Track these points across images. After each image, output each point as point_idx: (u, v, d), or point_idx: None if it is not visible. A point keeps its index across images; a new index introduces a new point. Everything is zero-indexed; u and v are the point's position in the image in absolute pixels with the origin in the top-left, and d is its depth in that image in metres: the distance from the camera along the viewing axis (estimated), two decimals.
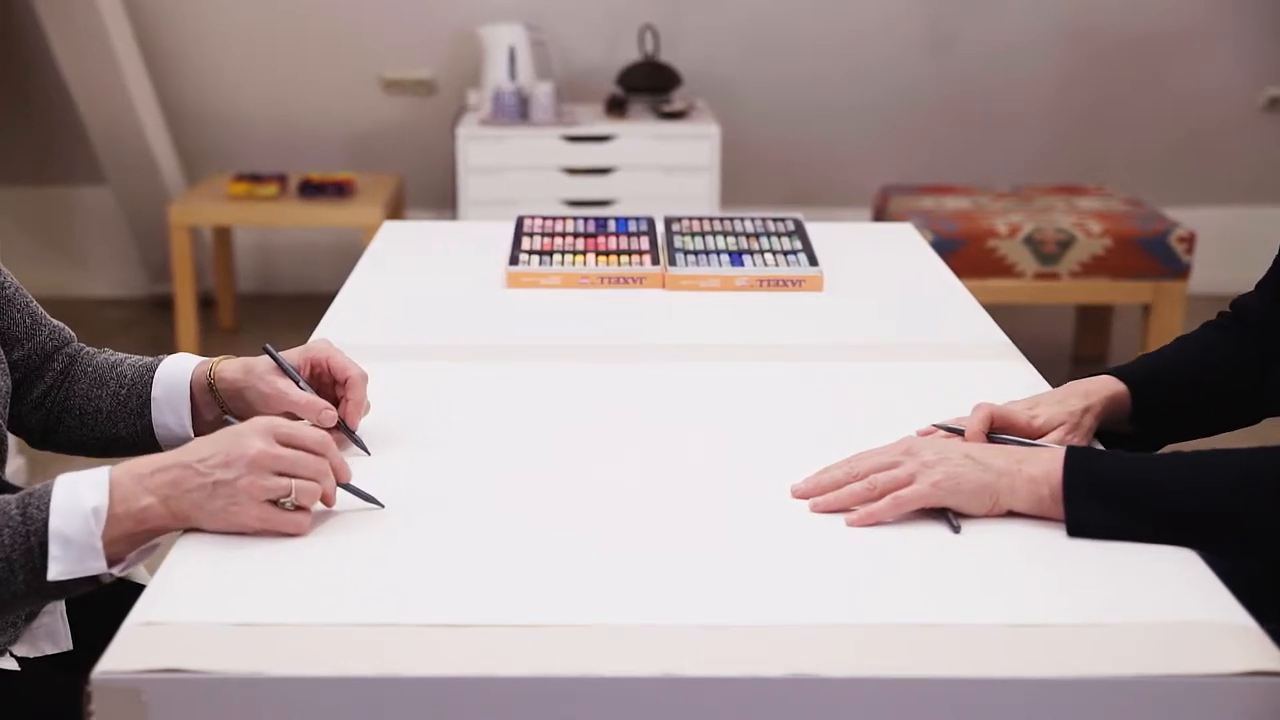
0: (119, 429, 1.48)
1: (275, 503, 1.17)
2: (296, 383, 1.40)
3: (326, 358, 1.41)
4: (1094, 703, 1.00)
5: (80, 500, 1.13)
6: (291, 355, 1.43)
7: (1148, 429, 1.46)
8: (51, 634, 1.40)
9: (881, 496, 1.25)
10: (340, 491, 1.23)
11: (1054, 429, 1.39)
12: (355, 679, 0.99)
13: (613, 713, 1.00)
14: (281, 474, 1.17)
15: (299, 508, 1.18)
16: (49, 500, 1.13)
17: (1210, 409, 1.49)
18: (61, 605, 1.42)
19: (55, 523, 1.12)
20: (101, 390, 1.49)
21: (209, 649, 1.01)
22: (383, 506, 1.25)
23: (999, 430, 1.38)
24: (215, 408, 1.46)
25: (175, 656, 1.00)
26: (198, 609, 1.07)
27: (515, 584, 1.13)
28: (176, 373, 1.47)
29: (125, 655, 1.00)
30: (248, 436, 1.18)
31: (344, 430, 1.39)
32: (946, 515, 1.25)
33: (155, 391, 1.46)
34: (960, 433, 1.38)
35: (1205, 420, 1.49)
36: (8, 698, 1.30)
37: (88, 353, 1.54)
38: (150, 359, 1.51)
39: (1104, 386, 1.44)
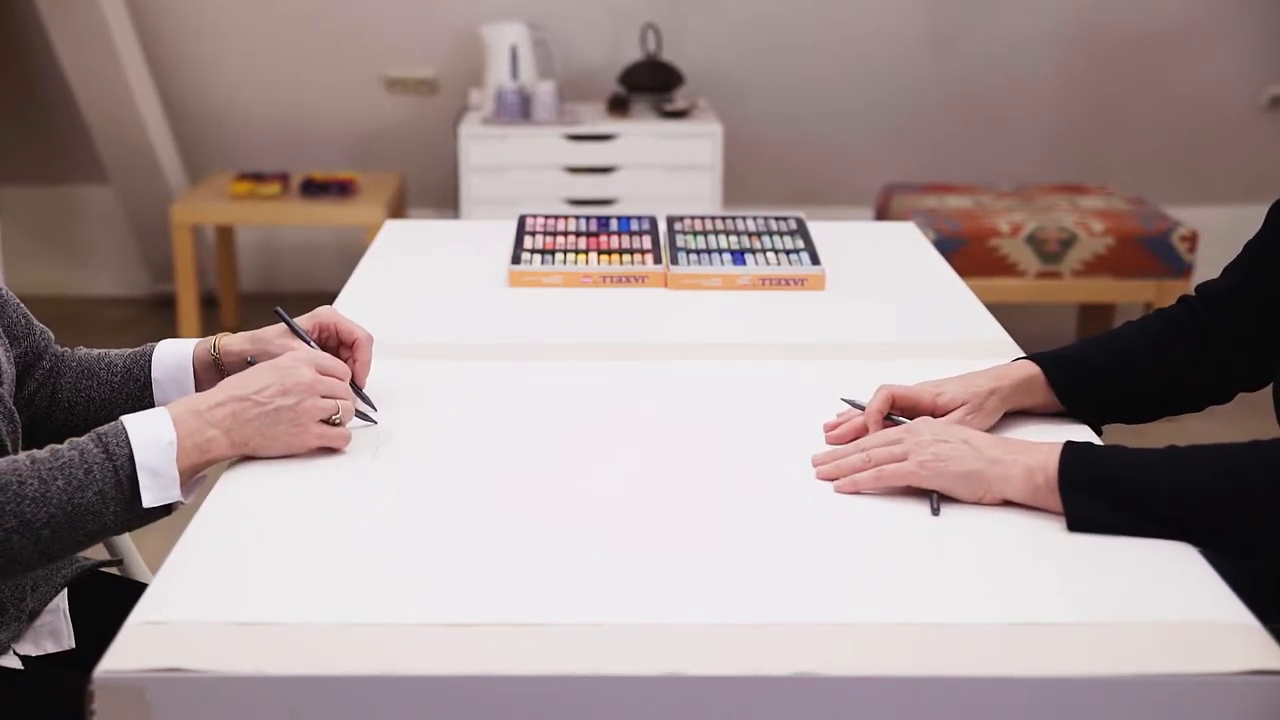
0: (114, 416, 1.49)
1: (325, 421, 1.33)
2: (307, 343, 1.47)
3: (334, 322, 1.50)
4: (1096, 702, 1.00)
5: (156, 435, 1.23)
6: (301, 320, 1.50)
7: (1078, 410, 1.48)
8: (54, 632, 1.40)
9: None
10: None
11: (957, 407, 1.42)
12: (357, 678, 0.99)
13: (615, 712, 1.00)
14: (327, 396, 1.33)
15: (339, 424, 1.34)
16: (126, 437, 1.22)
17: (1141, 393, 1.50)
18: (64, 604, 1.42)
19: (141, 456, 1.22)
20: (91, 381, 1.51)
21: (211, 648, 1.01)
22: (376, 423, 1.43)
23: (903, 410, 1.43)
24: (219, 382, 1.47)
25: (177, 655, 1.00)
26: (199, 608, 1.07)
27: (516, 583, 1.13)
28: (175, 354, 1.51)
29: (127, 654, 1.00)
30: (296, 368, 1.32)
31: (353, 389, 1.44)
32: (931, 496, 1.26)
33: (156, 374, 1.50)
34: (863, 408, 1.43)
35: (1137, 404, 1.50)
36: (10, 696, 1.30)
37: (67, 351, 1.57)
38: (137, 348, 1.54)
39: (1016, 370, 1.47)
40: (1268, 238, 1.49)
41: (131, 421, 1.24)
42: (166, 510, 1.24)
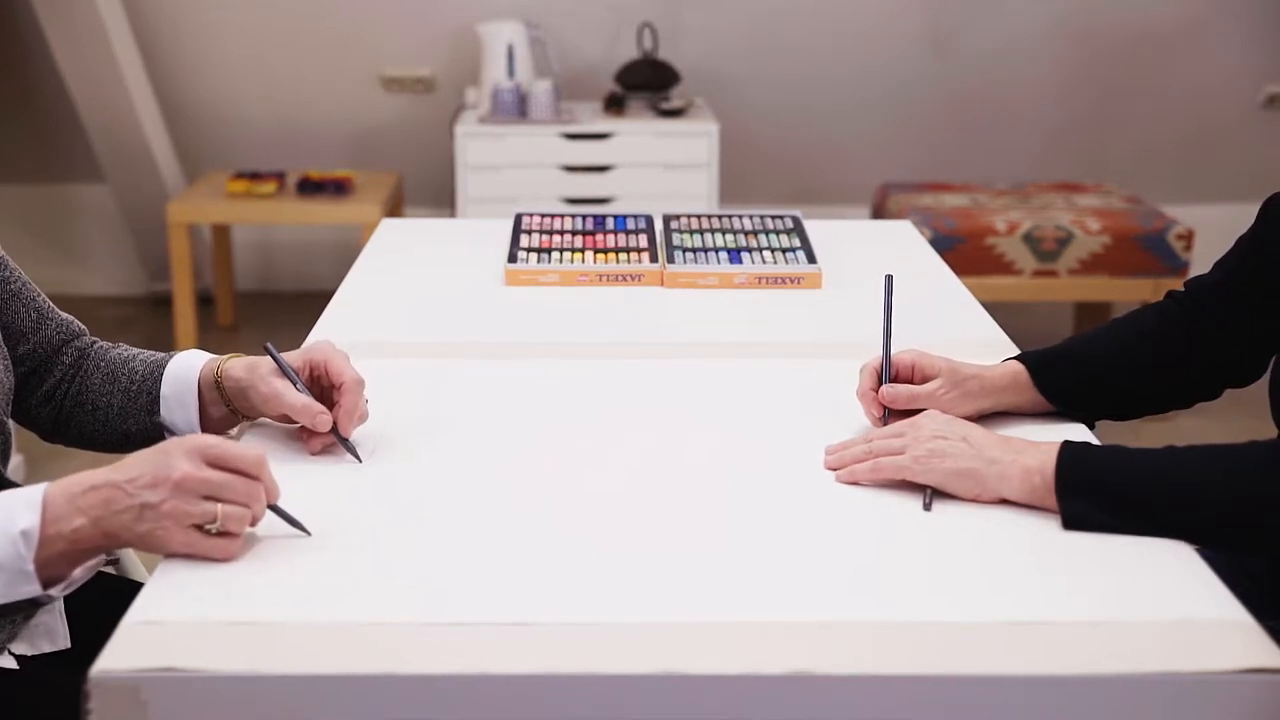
0: (129, 425, 1.49)
1: (201, 527, 1.12)
2: (294, 384, 1.38)
3: (325, 360, 1.39)
4: (1094, 700, 1.00)
5: (10, 523, 1.10)
6: (292, 357, 1.41)
7: (1066, 408, 1.47)
8: (50, 632, 1.40)
9: None
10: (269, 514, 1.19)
11: (935, 376, 1.43)
12: (354, 677, 0.99)
13: (613, 711, 1.00)
14: (209, 497, 1.12)
15: (226, 533, 1.13)
16: None
17: (1128, 389, 1.49)
18: (60, 603, 1.42)
19: None
20: (114, 386, 1.50)
21: (207, 647, 1.01)
22: (309, 534, 1.19)
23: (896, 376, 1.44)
24: (222, 405, 1.45)
25: (173, 655, 1.00)
26: (196, 607, 1.07)
27: (514, 581, 1.12)
28: (185, 370, 1.47)
29: (124, 653, 1.00)
30: (175, 458, 1.12)
31: (336, 436, 1.37)
32: (925, 492, 1.27)
33: (164, 389, 1.47)
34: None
35: (1124, 400, 1.50)
36: (6, 696, 1.30)
37: (101, 347, 1.55)
38: (161, 355, 1.51)
39: (1003, 367, 1.48)
40: (1259, 234, 1.49)
41: None
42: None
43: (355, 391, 1.37)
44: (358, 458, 1.36)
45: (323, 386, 1.40)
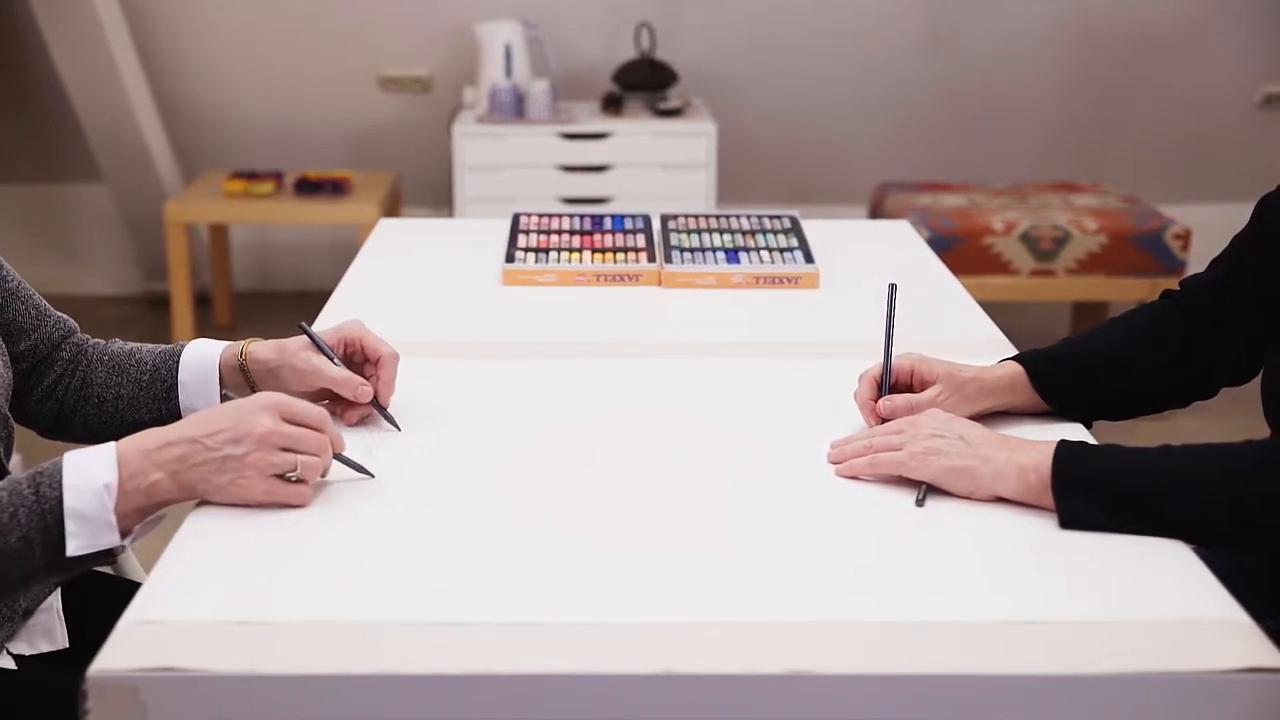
0: (142, 414, 1.50)
1: (280, 476, 1.22)
2: (331, 359, 1.44)
3: (360, 337, 1.47)
4: (1092, 699, 1.00)
5: (92, 477, 1.16)
6: (326, 334, 1.47)
7: (1063, 409, 1.47)
8: (48, 631, 1.40)
9: None
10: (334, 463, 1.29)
11: (935, 381, 1.44)
12: (353, 676, 0.99)
13: (613, 711, 1.00)
14: (286, 449, 1.22)
15: (301, 480, 1.23)
16: (60, 478, 1.16)
17: (1125, 390, 1.49)
18: (57, 603, 1.42)
19: (70, 501, 1.15)
20: (121, 377, 1.51)
21: (205, 646, 1.01)
22: (373, 477, 1.30)
23: (895, 383, 1.44)
24: (245, 389, 1.48)
25: (172, 654, 1.00)
26: (194, 606, 1.07)
27: (513, 581, 1.13)
28: (203, 357, 1.50)
29: (122, 653, 1.00)
30: (255, 413, 1.22)
31: (376, 407, 1.44)
32: (919, 488, 1.27)
33: (182, 376, 1.49)
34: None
35: (1121, 401, 1.49)
36: (5, 696, 1.30)
37: (97, 343, 1.56)
38: (169, 345, 1.53)
39: (1001, 368, 1.47)
40: (1255, 232, 1.49)
41: (71, 461, 1.17)
42: (108, 555, 1.18)
43: (393, 364, 1.47)
44: (396, 426, 1.44)
45: (354, 362, 1.48)
